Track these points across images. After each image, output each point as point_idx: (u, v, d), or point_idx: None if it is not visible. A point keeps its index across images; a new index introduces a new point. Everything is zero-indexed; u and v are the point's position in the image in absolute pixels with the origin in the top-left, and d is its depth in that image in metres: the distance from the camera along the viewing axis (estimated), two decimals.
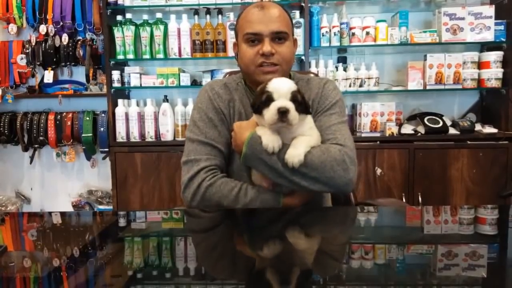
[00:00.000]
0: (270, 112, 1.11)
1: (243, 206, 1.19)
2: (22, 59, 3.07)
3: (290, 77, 1.36)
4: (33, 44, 3.04)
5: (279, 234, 0.97)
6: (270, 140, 1.14)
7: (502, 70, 2.74)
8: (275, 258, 0.80)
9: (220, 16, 2.88)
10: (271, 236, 0.96)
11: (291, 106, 1.11)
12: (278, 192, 1.20)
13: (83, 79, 3.13)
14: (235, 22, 1.38)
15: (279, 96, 1.12)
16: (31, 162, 3.26)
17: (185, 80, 2.92)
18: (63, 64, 3.07)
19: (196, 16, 2.92)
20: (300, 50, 2.77)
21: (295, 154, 1.13)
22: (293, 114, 1.11)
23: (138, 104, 2.96)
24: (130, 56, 2.90)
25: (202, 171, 1.23)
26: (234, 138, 1.23)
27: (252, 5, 1.31)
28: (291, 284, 0.69)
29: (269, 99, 1.12)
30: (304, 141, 1.16)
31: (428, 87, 2.80)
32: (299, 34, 2.77)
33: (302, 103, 1.14)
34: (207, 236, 0.99)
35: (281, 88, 1.13)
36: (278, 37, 1.27)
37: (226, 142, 1.30)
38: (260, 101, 1.14)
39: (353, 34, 2.80)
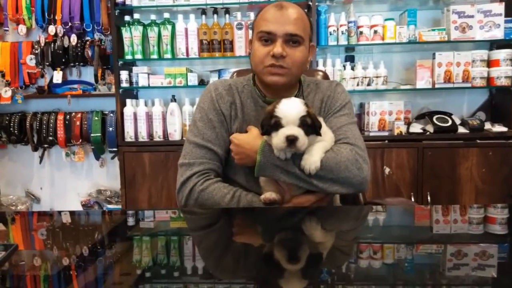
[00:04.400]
0: (278, 139, 1.11)
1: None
2: (31, 59, 3.11)
3: (300, 81, 1.36)
4: (42, 44, 3.07)
5: (287, 233, 0.97)
6: (282, 152, 1.15)
7: (511, 68, 2.71)
8: (286, 256, 0.80)
9: (227, 15, 2.88)
10: (278, 235, 0.96)
11: (300, 133, 1.10)
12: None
13: (91, 79, 3.15)
14: (242, 22, 1.37)
15: (288, 122, 1.10)
16: (40, 162, 3.29)
17: (193, 79, 2.93)
18: (72, 64, 3.10)
19: (203, 16, 2.92)
20: None
21: (311, 162, 1.14)
22: (302, 141, 1.10)
23: (146, 104, 2.99)
24: (138, 56, 2.92)
25: (194, 175, 1.24)
26: (239, 151, 1.22)
27: (272, 4, 1.28)
28: (300, 280, 0.69)
29: (278, 124, 1.11)
30: (319, 147, 1.16)
31: (437, 86, 2.78)
32: None
33: (311, 125, 1.13)
34: (212, 234, 0.99)
35: (290, 114, 1.11)
36: (292, 40, 1.23)
37: (223, 145, 1.29)
38: (269, 124, 1.14)
39: (361, 32, 2.79)
